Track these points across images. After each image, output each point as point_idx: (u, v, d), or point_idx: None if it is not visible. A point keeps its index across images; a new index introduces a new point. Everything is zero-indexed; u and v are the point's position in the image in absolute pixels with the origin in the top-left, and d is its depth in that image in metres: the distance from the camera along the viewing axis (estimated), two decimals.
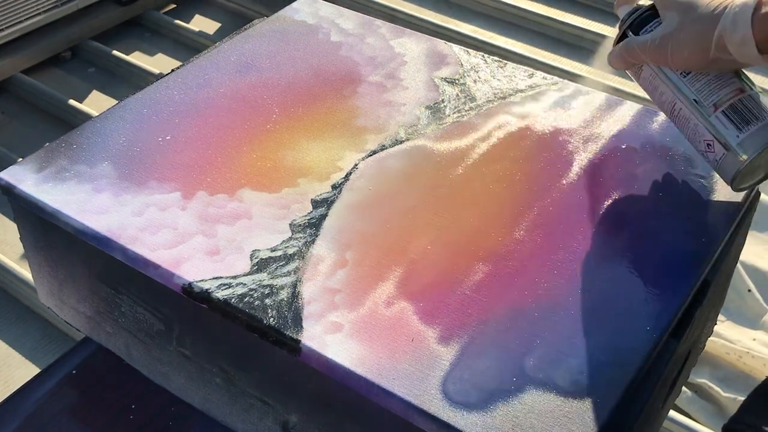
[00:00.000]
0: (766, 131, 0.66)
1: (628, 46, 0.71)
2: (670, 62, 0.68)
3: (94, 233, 0.70)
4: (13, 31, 1.96)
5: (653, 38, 0.68)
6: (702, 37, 0.64)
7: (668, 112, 0.72)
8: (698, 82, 0.68)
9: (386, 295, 0.64)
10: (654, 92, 0.72)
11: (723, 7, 0.64)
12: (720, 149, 0.68)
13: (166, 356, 0.74)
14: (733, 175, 0.68)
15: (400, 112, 0.84)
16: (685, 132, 0.71)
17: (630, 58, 0.72)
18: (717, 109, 0.67)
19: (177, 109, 0.84)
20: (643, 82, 0.73)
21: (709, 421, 1.27)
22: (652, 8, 0.71)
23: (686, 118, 0.70)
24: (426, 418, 0.56)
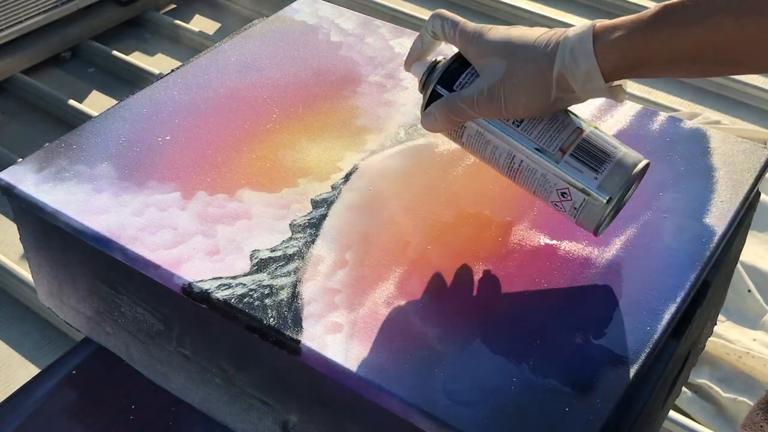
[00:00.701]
0: (623, 167, 0.61)
1: (450, 104, 0.62)
2: (505, 113, 0.60)
3: (93, 233, 0.70)
4: (13, 31, 1.97)
5: (479, 90, 0.60)
6: (539, 78, 0.58)
7: (506, 167, 0.64)
8: (534, 128, 0.61)
9: (386, 295, 0.64)
10: (484, 150, 0.64)
11: (554, 42, 0.58)
12: (578, 196, 0.61)
13: (165, 356, 0.74)
14: (599, 220, 0.62)
15: (400, 112, 0.84)
16: (530, 185, 0.63)
17: (455, 117, 0.63)
18: (564, 153, 0.61)
19: (177, 109, 0.84)
20: (468, 141, 0.65)
21: (709, 422, 1.27)
22: (458, 60, 0.64)
23: (531, 170, 0.62)
24: (426, 417, 0.56)
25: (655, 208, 0.73)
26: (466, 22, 0.63)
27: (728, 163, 0.78)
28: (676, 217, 0.72)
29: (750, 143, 0.81)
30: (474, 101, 0.61)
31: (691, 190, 0.75)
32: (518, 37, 0.60)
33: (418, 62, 0.67)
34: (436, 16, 0.64)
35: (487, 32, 0.62)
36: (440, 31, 0.64)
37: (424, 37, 0.66)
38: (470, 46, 0.62)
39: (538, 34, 0.60)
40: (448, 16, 0.64)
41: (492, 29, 0.62)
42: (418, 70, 0.67)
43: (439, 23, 0.64)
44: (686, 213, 0.72)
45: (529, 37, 0.60)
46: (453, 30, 0.63)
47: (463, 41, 0.63)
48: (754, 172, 0.77)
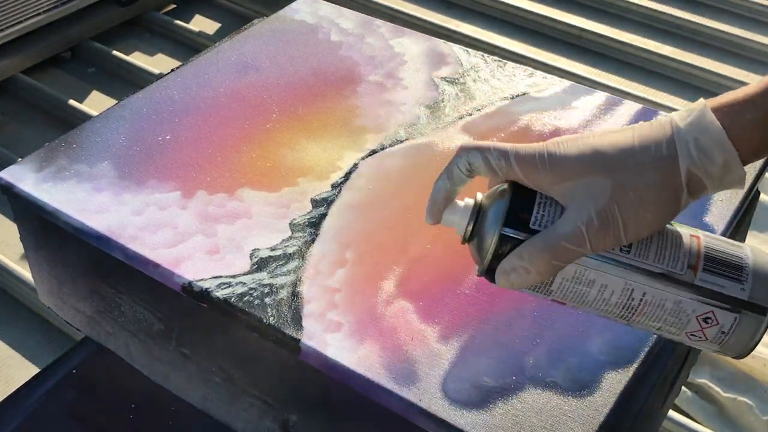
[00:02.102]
0: (764, 267, 0.51)
1: (552, 246, 0.49)
2: (624, 239, 0.48)
3: (94, 232, 0.70)
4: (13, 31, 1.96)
5: (585, 219, 0.48)
6: (664, 185, 0.48)
7: (622, 307, 0.51)
8: (648, 250, 0.50)
9: (386, 294, 0.64)
10: (587, 293, 0.51)
11: (666, 140, 0.48)
12: (727, 317, 0.50)
13: (165, 355, 0.74)
14: (756, 338, 0.50)
15: (399, 112, 0.84)
16: (657, 321, 0.51)
17: (559, 262, 0.49)
18: (696, 270, 0.50)
19: (177, 108, 0.84)
20: (563, 287, 0.51)
21: (709, 422, 1.27)
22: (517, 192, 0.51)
23: (657, 301, 0.50)
24: (426, 417, 0.56)
25: None
26: (515, 145, 0.51)
27: None
28: None
29: None
30: (584, 235, 0.48)
31: None
32: (610, 145, 0.49)
33: (451, 209, 0.53)
34: (471, 149, 0.51)
35: (557, 149, 0.50)
36: (482, 165, 0.51)
37: (453, 175, 0.52)
38: (542, 173, 0.49)
39: (630, 134, 0.49)
40: (489, 146, 0.51)
41: (560, 144, 0.50)
42: (456, 218, 0.52)
43: (479, 156, 0.51)
44: (686, 212, 0.72)
45: (624, 141, 0.49)
46: (504, 159, 0.50)
47: (526, 169, 0.50)
48: (753, 172, 0.77)
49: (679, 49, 2.15)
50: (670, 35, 2.21)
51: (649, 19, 2.26)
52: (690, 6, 2.29)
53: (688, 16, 2.24)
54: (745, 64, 2.10)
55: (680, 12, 2.25)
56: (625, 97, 0.89)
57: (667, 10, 2.25)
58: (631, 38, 2.17)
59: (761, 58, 2.12)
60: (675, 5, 2.28)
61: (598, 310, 0.51)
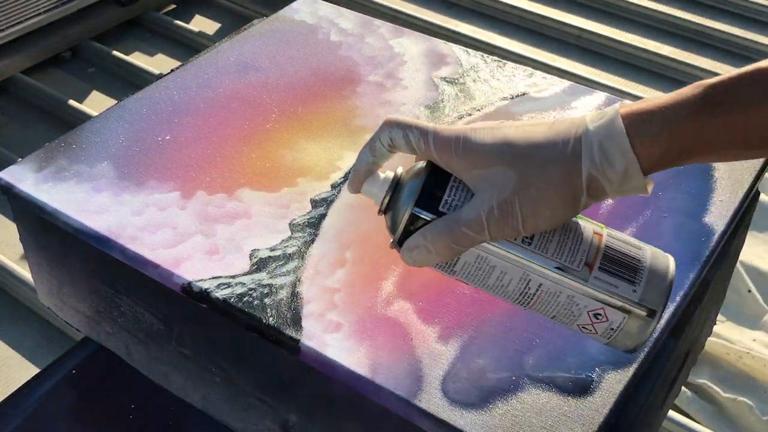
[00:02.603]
0: (659, 271, 0.52)
1: (451, 231, 0.50)
2: (522, 231, 0.49)
3: (93, 233, 0.70)
4: (13, 31, 1.96)
5: (486, 210, 0.49)
6: (564, 185, 0.48)
7: (518, 294, 0.53)
8: (549, 243, 0.51)
9: (385, 294, 0.64)
10: (487, 277, 0.52)
11: (573, 138, 0.49)
12: (616, 315, 0.51)
13: (165, 356, 0.74)
14: (642, 339, 0.53)
15: (399, 112, 0.84)
16: (551, 310, 0.53)
17: (458, 246, 0.50)
18: (592, 268, 0.51)
19: (176, 108, 0.84)
20: (465, 270, 0.53)
21: (709, 422, 1.27)
22: (433, 173, 0.52)
23: (552, 293, 0.52)
24: (425, 417, 0.56)
25: (655, 208, 0.73)
26: (436, 127, 0.52)
27: (727, 163, 0.78)
28: (675, 216, 0.72)
29: None
30: (483, 224, 0.49)
31: (691, 190, 0.75)
32: (521, 137, 0.50)
33: (371, 180, 0.55)
34: (394, 125, 0.52)
35: (473, 136, 0.50)
36: (402, 143, 0.52)
37: (375, 149, 0.54)
38: (455, 158, 0.50)
39: (543, 130, 0.50)
40: (412, 123, 0.52)
41: (477, 131, 0.51)
42: (375, 190, 0.54)
43: (401, 133, 0.52)
44: (685, 212, 0.72)
45: (535, 136, 0.50)
46: (424, 139, 0.51)
47: (442, 152, 0.51)
48: (753, 172, 0.77)
49: (679, 49, 2.15)
50: (670, 35, 2.21)
51: (649, 19, 2.26)
52: (690, 6, 2.29)
53: (688, 16, 2.24)
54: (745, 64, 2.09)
55: (680, 12, 2.25)
56: (625, 97, 0.89)
57: (667, 10, 2.25)
58: (631, 38, 2.17)
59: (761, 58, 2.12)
60: (675, 5, 2.28)
61: (497, 293, 0.53)
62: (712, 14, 2.25)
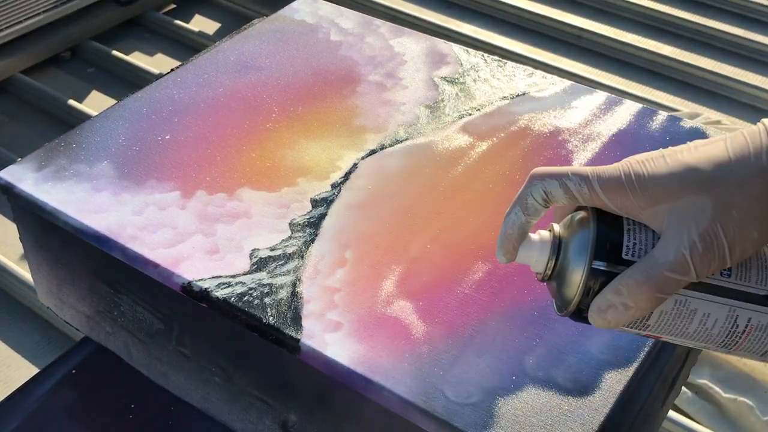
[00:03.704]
0: None
1: (655, 279, 0.44)
2: (730, 261, 0.44)
3: (93, 232, 0.70)
4: (13, 31, 1.96)
5: (687, 245, 0.44)
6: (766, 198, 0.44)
7: (725, 335, 0.47)
8: (750, 271, 0.46)
9: (386, 294, 0.64)
10: (689, 323, 0.46)
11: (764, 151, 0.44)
12: None
13: (165, 355, 0.74)
14: None
15: (399, 112, 0.84)
16: (763, 348, 0.47)
17: (662, 295, 0.45)
18: None
19: (176, 108, 0.84)
20: (662, 320, 0.46)
21: (709, 422, 1.27)
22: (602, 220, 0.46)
23: (764, 326, 0.46)
24: (426, 416, 0.56)
25: None
26: (595, 169, 0.46)
27: None
28: None
29: None
30: (688, 262, 0.44)
31: None
32: (703, 159, 0.45)
33: (527, 244, 0.48)
34: (546, 177, 0.47)
35: (644, 169, 0.45)
36: (561, 193, 0.47)
37: (528, 207, 0.47)
38: (630, 196, 0.45)
39: (722, 147, 0.46)
40: (566, 171, 0.46)
41: (645, 162, 0.46)
42: (535, 254, 0.48)
43: (556, 183, 0.46)
44: None
45: (717, 154, 0.45)
46: (586, 185, 0.46)
47: (613, 193, 0.46)
48: None
49: (679, 49, 2.15)
50: (670, 35, 2.21)
51: (649, 19, 2.26)
52: (690, 6, 2.29)
53: (688, 16, 2.24)
54: (745, 64, 2.10)
55: (680, 12, 2.25)
56: (625, 97, 0.89)
57: (667, 10, 2.25)
58: (631, 38, 2.17)
59: (761, 58, 2.12)
60: (675, 5, 2.28)
61: (698, 341, 0.47)
62: (712, 14, 2.25)
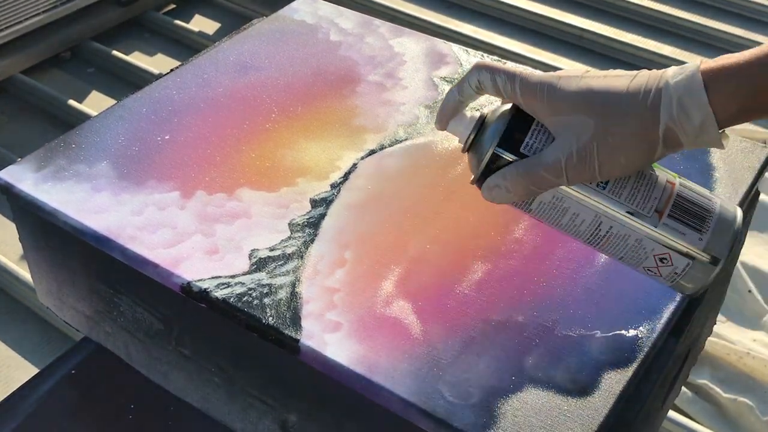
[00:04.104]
0: (726, 223, 0.55)
1: (531, 173, 0.53)
2: (599, 177, 0.52)
3: (93, 233, 0.70)
4: (13, 31, 1.96)
5: (566, 155, 0.52)
6: (642, 135, 0.51)
7: (590, 235, 0.56)
8: (623, 189, 0.54)
9: (385, 294, 0.64)
10: (561, 217, 0.56)
11: (654, 90, 0.51)
12: (681, 260, 0.54)
13: (165, 356, 0.74)
14: (704, 284, 0.56)
15: (399, 112, 0.84)
16: (619, 252, 0.56)
17: (536, 188, 0.54)
18: (662, 214, 0.54)
19: (176, 108, 0.84)
20: (540, 209, 0.56)
21: (709, 422, 1.27)
22: (516, 116, 0.55)
23: (622, 236, 0.55)
24: (425, 416, 0.56)
25: None
26: (523, 71, 0.54)
27: (727, 162, 0.78)
28: None
29: (749, 142, 0.81)
30: (562, 168, 0.52)
31: None
32: (603, 87, 0.52)
33: (457, 118, 0.57)
34: (483, 68, 0.55)
35: (558, 83, 0.53)
36: (490, 86, 0.55)
37: (463, 89, 0.56)
38: (539, 103, 0.53)
39: (625, 82, 0.52)
40: (500, 68, 0.55)
41: (562, 79, 0.53)
42: (460, 128, 0.57)
43: (489, 76, 0.55)
44: None
45: (617, 86, 0.52)
46: (510, 84, 0.54)
47: (527, 97, 0.54)
48: (753, 171, 0.77)
49: (678, 49, 2.15)
50: (670, 35, 2.21)
51: (649, 19, 2.26)
52: (690, 6, 2.29)
53: (688, 16, 2.24)
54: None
55: (680, 12, 2.25)
56: None
57: (667, 10, 2.25)
58: (631, 38, 2.17)
59: None
60: (675, 5, 2.28)
61: (569, 232, 0.57)
62: (712, 14, 2.25)
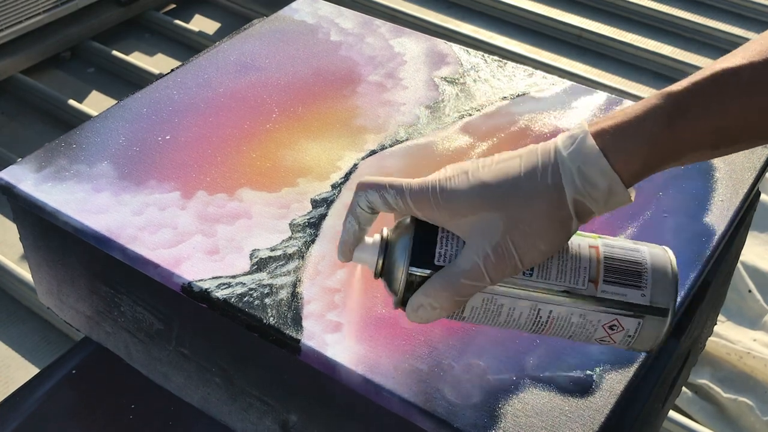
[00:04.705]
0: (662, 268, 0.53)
1: (452, 284, 0.50)
2: (522, 267, 0.50)
3: (93, 233, 0.70)
4: (13, 31, 1.96)
5: (482, 256, 0.49)
6: (553, 216, 0.49)
7: (531, 324, 0.53)
8: (550, 271, 0.52)
9: (386, 294, 0.64)
10: (497, 316, 0.53)
11: (551, 168, 0.49)
12: (631, 323, 0.52)
13: (165, 356, 0.74)
14: (661, 338, 0.53)
15: (399, 112, 0.84)
16: (566, 332, 0.53)
17: (461, 298, 0.51)
18: (597, 283, 0.52)
19: (176, 108, 0.84)
20: (474, 314, 0.53)
21: (709, 422, 1.27)
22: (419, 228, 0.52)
23: (564, 317, 0.52)
24: (426, 417, 0.56)
25: (655, 208, 0.73)
26: (410, 182, 0.51)
27: (728, 163, 0.78)
28: (676, 216, 0.72)
29: None
30: (482, 270, 0.49)
31: (691, 190, 0.75)
32: (497, 178, 0.50)
33: (360, 247, 0.54)
34: (368, 188, 0.52)
35: (448, 185, 0.50)
36: (381, 203, 0.52)
37: (357, 215, 0.53)
38: (436, 211, 0.50)
39: (516, 164, 0.50)
40: (385, 182, 0.52)
41: (450, 179, 0.51)
42: (366, 257, 0.54)
43: (377, 195, 0.52)
44: (686, 212, 0.72)
45: (510, 173, 0.50)
46: (401, 198, 0.51)
47: (422, 206, 0.51)
48: (753, 172, 0.77)
49: (679, 49, 2.15)
50: (670, 35, 2.21)
51: (649, 19, 2.26)
52: (690, 6, 2.29)
53: (688, 16, 2.24)
54: None
55: (680, 12, 2.25)
56: (625, 97, 0.89)
57: (667, 10, 2.25)
58: (631, 38, 2.17)
59: None
60: (675, 5, 2.28)
61: (510, 327, 0.54)
62: (712, 14, 2.25)
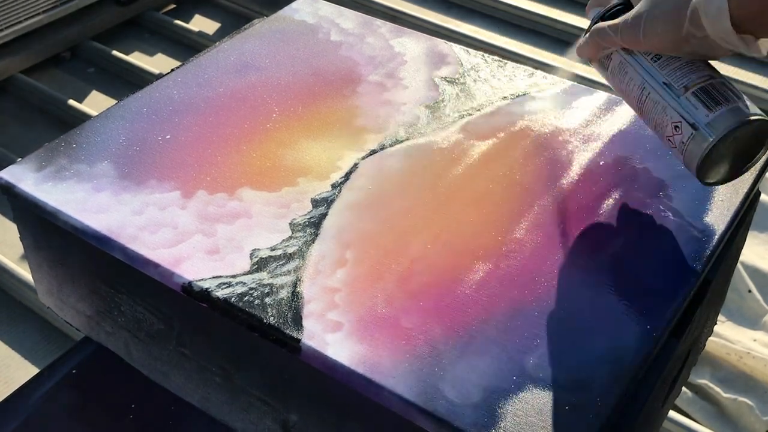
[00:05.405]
0: (737, 113, 0.63)
1: (599, 29, 0.70)
2: (643, 41, 0.66)
3: (93, 232, 0.70)
4: (13, 31, 1.96)
5: (625, 18, 0.67)
6: (675, 12, 0.62)
7: (636, 99, 0.69)
8: (669, 66, 0.66)
9: (386, 294, 0.64)
10: (622, 81, 0.70)
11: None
12: (687, 130, 0.64)
13: (165, 355, 0.74)
14: (700, 156, 0.64)
15: (400, 112, 0.84)
16: (652, 118, 0.68)
17: (602, 42, 0.70)
18: (688, 90, 0.65)
19: (176, 108, 0.84)
20: (612, 71, 0.71)
21: (709, 422, 1.27)
22: (624, 4, 0.70)
23: (655, 101, 0.67)
24: (426, 416, 0.56)
25: (655, 208, 0.73)
26: None
27: None
28: (675, 216, 0.72)
29: None
30: (618, 28, 0.67)
31: (691, 189, 0.75)
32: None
33: (596, 8, 0.72)
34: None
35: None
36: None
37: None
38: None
39: None
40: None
41: None
42: (592, 13, 0.73)
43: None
44: (686, 212, 0.72)
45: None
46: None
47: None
48: (754, 171, 0.77)
49: None
50: None
51: None
52: None
53: None
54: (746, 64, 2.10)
55: None
56: None
57: None
58: None
59: (761, 58, 2.12)
60: None
61: (626, 96, 0.71)
62: None
